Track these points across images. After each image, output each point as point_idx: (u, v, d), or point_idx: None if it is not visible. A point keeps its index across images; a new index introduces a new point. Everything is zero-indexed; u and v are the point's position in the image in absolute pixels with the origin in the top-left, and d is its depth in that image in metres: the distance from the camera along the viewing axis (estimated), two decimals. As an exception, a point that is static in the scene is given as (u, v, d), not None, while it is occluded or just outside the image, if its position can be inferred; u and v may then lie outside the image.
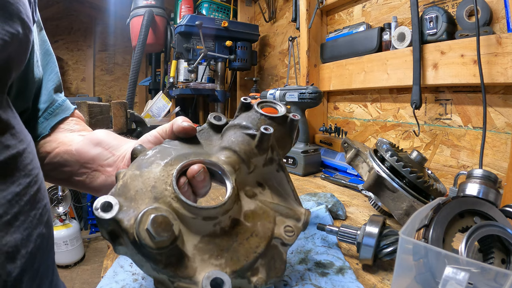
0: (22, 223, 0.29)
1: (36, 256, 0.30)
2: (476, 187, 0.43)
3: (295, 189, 0.39)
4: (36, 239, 0.30)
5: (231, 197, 0.31)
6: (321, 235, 0.51)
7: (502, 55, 0.64)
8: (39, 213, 0.32)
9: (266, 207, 0.35)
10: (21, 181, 0.30)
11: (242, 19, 1.95)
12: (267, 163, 0.37)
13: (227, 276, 0.26)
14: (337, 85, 1.15)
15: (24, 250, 0.28)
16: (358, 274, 0.41)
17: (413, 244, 0.32)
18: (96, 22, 3.51)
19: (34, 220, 0.30)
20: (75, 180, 0.42)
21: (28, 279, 0.29)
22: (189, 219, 0.29)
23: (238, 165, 0.34)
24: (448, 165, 0.82)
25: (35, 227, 0.30)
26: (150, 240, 0.25)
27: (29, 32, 0.33)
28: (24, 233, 0.29)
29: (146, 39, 1.90)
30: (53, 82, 0.47)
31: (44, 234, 0.32)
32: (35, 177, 0.32)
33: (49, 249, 0.34)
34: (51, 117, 0.45)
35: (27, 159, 0.31)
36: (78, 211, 2.84)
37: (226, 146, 0.36)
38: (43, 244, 0.32)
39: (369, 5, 1.06)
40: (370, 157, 0.58)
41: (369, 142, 1.08)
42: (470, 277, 0.25)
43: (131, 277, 0.40)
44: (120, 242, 0.27)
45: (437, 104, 0.84)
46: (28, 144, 0.32)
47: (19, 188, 0.29)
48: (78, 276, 2.20)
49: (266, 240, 0.32)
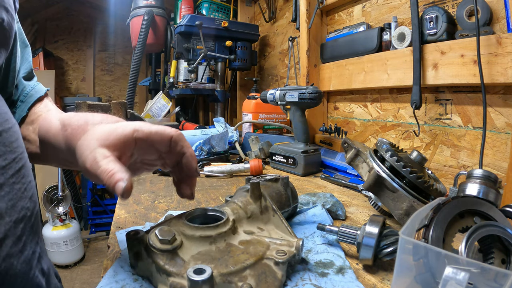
0: (6, 194, 0.30)
1: (19, 226, 0.31)
2: (476, 187, 0.43)
3: (289, 226, 0.44)
4: (20, 211, 0.31)
5: (224, 222, 0.39)
6: (321, 235, 0.51)
7: (502, 55, 0.64)
8: (24, 188, 0.33)
9: (261, 238, 0.41)
10: (6, 156, 0.31)
11: (242, 19, 1.95)
12: (263, 211, 0.46)
13: (210, 268, 0.31)
14: (337, 85, 1.15)
15: (8, 218, 0.29)
16: (358, 274, 0.41)
17: (413, 244, 0.32)
18: (96, 22, 3.51)
19: (18, 193, 0.32)
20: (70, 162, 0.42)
21: (11, 243, 0.30)
22: (190, 236, 0.37)
23: (236, 210, 0.44)
24: (448, 165, 0.82)
25: (19, 199, 0.32)
26: (157, 240, 0.35)
27: (12, 20, 0.33)
28: (8, 203, 0.30)
29: (146, 39, 1.90)
30: (25, 70, 0.47)
31: (29, 207, 0.33)
32: (20, 154, 0.33)
33: (33, 223, 0.35)
34: (26, 99, 0.46)
35: (12, 137, 0.32)
36: (78, 211, 2.84)
37: (230, 201, 0.47)
38: (26, 218, 0.33)
39: (369, 5, 1.06)
40: (370, 157, 0.58)
41: (369, 142, 1.08)
42: (470, 277, 0.25)
43: (131, 277, 0.40)
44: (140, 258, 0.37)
45: (437, 104, 0.84)
46: (14, 125, 0.34)
47: (4, 162, 0.30)
48: (78, 276, 2.20)
49: (256, 257, 0.36)
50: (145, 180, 0.86)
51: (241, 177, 0.91)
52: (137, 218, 0.60)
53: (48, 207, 2.20)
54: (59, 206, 2.24)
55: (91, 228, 2.78)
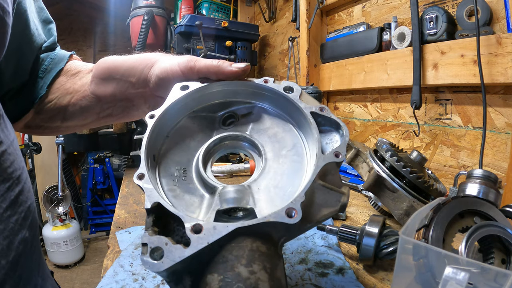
0: (1, 232, 0.27)
1: (18, 264, 0.28)
2: (476, 187, 0.43)
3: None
4: (18, 246, 0.28)
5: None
6: (321, 235, 0.51)
7: (502, 55, 0.64)
8: (21, 217, 0.30)
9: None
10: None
11: (242, 19, 1.95)
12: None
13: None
14: (337, 85, 1.15)
15: (4, 261, 0.26)
16: (358, 274, 0.41)
17: (413, 244, 0.32)
18: (96, 22, 3.51)
19: (15, 226, 0.28)
20: (103, 119, 0.44)
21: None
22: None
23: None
24: (448, 165, 0.82)
25: (16, 233, 0.28)
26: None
27: (5, 15, 0.30)
28: (4, 242, 0.27)
29: (146, 39, 1.90)
30: (48, 44, 0.45)
31: (27, 238, 0.30)
32: (16, 179, 0.30)
33: (33, 252, 0.32)
34: (45, 75, 0.43)
35: (7, 162, 0.29)
36: (78, 211, 2.84)
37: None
38: (26, 249, 0.30)
39: (369, 5, 1.06)
40: (370, 157, 0.58)
41: (369, 142, 1.08)
42: (470, 277, 0.25)
43: (131, 277, 0.40)
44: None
45: (437, 104, 0.84)
46: (9, 145, 0.30)
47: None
48: (78, 276, 2.20)
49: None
50: (145, 180, 0.87)
51: (241, 177, 0.91)
52: (137, 218, 0.60)
53: (48, 207, 2.20)
54: (59, 206, 2.24)
55: (91, 228, 2.78)
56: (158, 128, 0.32)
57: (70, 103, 0.43)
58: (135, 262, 0.45)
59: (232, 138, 0.35)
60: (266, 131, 0.35)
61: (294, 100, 0.33)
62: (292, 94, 0.33)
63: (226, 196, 0.28)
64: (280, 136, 0.34)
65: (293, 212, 0.25)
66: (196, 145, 0.35)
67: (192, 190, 0.32)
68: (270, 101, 0.36)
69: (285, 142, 0.34)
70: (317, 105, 0.33)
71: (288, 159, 0.33)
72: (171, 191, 0.31)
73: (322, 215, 0.28)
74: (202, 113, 0.37)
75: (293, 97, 0.33)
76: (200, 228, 0.24)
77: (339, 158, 0.29)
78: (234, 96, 0.37)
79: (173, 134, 0.35)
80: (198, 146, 0.35)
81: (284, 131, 0.35)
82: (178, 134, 0.35)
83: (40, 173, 2.54)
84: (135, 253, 0.47)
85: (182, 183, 0.32)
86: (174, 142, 0.35)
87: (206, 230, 0.24)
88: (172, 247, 0.23)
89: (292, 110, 0.34)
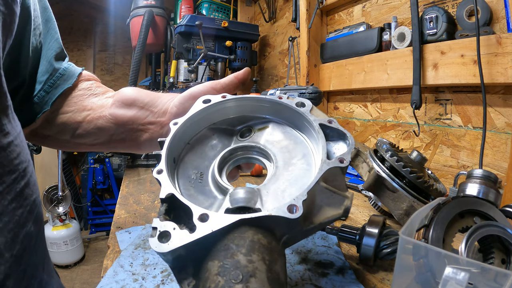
0: (6, 225, 0.26)
1: (22, 258, 0.28)
2: (476, 187, 0.43)
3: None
4: (22, 240, 0.28)
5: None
6: (321, 235, 0.51)
7: (502, 55, 0.64)
8: (27, 211, 0.29)
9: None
10: (4, 178, 0.27)
11: (242, 19, 1.95)
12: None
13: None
14: (337, 85, 1.15)
15: (8, 254, 0.26)
16: (358, 274, 0.41)
17: (413, 244, 0.32)
18: (96, 22, 3.52)
19: (21, 219, 0.28)
20: (114, 142, 0.44)
21: (13, 284, 0.27)
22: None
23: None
24: (448, 165, 0.82)
25: (22, 226, 0.28)
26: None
27: (14, 3, 0.29)
28: (8, 235, 0.26)
29: (146, 39, 1.90)
30: (53, 50, 0.44)
31: (32, 232, 0.30)
32: (22, 171, 0.30)
33: (38, 247, 0.32)
34: (52, 90, 0.42)
35: (13, 153, 0.29)
36: (78, 211, 2.84)
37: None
38: (31, 243, 0.30)
39: (369, 5, 1.06)
40: (370, 157, 0.58)
41: (369, 142, 1.08)
42: (470, 277, 0.25)
43: (131, 277, 0.40)
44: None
45: (437, 104, 0.84)
46: (16, 137, 0.30)
47: (2, 186, 0.26)
48: (78, 276, 2.20)
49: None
50: (145, 180, 0.86)
51: (241, 177, 0.91)
52: (137, 218, 0.60)
53: (48, 207, 2.20)
54: (59, 206, 2.24)
55: (91, 228, 2.78)
56: (180, 134, 0.36)
57: (85, 120, 0.43)
58: (135, 262, 0.45)
59: (248, 148, 0.39)
60: (279, 142, 0.38)
61: (305, 114, 0.36)
62: (304, 109, 0.36)
63: (236, 196, 0.30)
64: (291, 147, 0.37)
65: (294, 208, 0.26)
66: (215, 154, 0.38)
67: (206, 192, 0.34)
68: (283, 115, 0.39)
69: (295, 152, 0.36)
70: (325, 118, 0.35)
71: (297, 167, 0.35)
72: (187, 190, 0.34)
73: (325, 217, 0.30)
74: (222, 126, 0.41)
75: (304, 111, 0.36)
76: (206, 217, 0.26)
77: (344, 163, 0.31)
78: (251, 112, 0.40)
79: (194, 142, 0.39)
80: (216, 155, 0.38)
81: (296, 143, 0.37)
82: (199, 142, 0.39)
83: (40, 173, 2.54)
84: (135, 253, 0.47)
85: (198, 185, 0.35)
86: (194, 149, 0.38)
87: (212, 219, 0.25)
88: (179, 232, 0.25)
89: (302, 123, 0.37)
